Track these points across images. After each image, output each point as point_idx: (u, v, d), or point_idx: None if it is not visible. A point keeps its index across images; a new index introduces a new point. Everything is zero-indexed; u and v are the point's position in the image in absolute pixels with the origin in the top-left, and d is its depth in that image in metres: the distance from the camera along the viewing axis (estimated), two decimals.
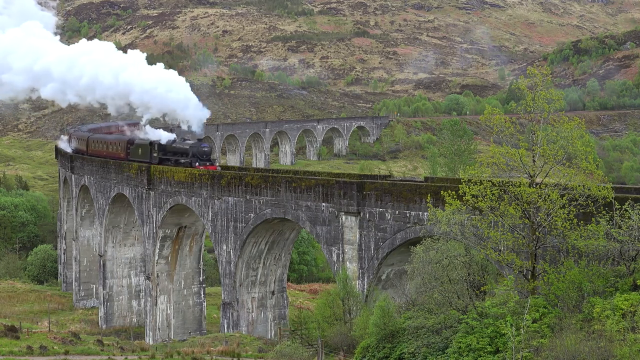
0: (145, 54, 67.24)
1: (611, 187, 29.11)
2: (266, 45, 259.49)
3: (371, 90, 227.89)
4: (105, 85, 64.28)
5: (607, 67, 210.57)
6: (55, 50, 69.11)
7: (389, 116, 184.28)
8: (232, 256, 49.44)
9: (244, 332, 48.93)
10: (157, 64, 65.65)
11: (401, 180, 45.07)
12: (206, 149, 56.81)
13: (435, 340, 27.27)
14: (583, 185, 28.56)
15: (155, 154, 59.70)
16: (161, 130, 65.78)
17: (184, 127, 60.49)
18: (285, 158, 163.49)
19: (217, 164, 59.32)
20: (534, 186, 29.14)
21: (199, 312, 59.70)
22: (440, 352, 26.79)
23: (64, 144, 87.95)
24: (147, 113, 63.73)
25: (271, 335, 50.15)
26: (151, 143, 60.83)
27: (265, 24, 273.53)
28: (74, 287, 76.08)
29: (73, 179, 75.30)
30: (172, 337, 57.33)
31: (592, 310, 24.82)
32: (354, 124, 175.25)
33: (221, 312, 51.41)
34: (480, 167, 30.49)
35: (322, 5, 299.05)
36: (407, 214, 38.13)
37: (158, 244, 57.00)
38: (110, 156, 66.84)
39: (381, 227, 39.55)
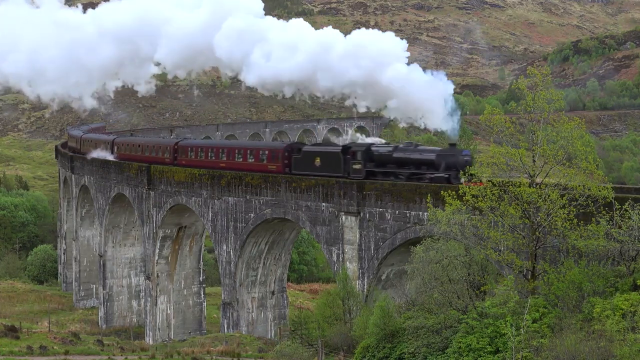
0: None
1: (611, 187, 29.12)
2: None
3: None
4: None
5: (607, 67, 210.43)
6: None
7: (389, 116, 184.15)
8: (232, 256, 49.44)
9: (244, 332, 48.95)
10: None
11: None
12: (468, 157, 39.66)
13: (435, 340, 27.28)
14: (583, 185, 28.57)
15: (357, 166, 43.00)
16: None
17: (420, 123, 43.80)
18: None
19: None
20: (534, 186, 29.14)
21: (199, 312, 59.71)
22: (440, 352, 26.81)
23: (101, 152, 70.53)
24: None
25: (271, 335, 50.16)
26: (347, 149, 44.09)
27: None
28: (74, 287, 76.09)
29: (73, 179, 75.28)
30: (172, 337, 57.33)
31: (592, 310, 24.82)
32: (354, 124, 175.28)
33: (221, 312, 51.42)
34: (480, 167, 30.49)
35: (322, 5, 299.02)
36: (407, 214, 38.13)
37: (158, 244, 57.00)
38: (242, 168, 50.95)
39: (381, 227, 39.54)
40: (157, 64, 59.02)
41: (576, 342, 22.80)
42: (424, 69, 46.50)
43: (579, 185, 28.64)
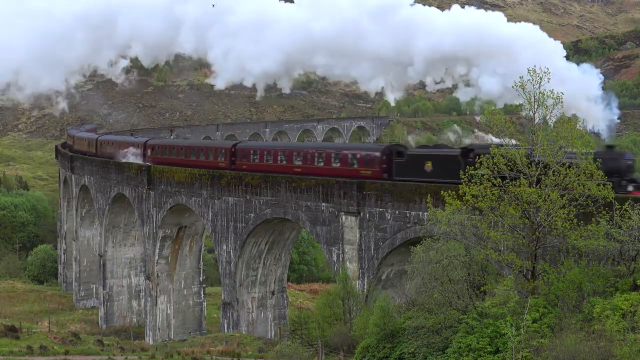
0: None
1: (611, 187, 29.11)
2: None
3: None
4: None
5: (607, 67, 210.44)
6: None
7: (388, 116, 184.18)
8: (232, 256, 49.43)
9: (244, 332, 48.95)
10: None
11: (401, 180, 44.94)
12: (631, 161, 34.03)
13: (435, 340, 27.28)
14: (583, 185, 28.56)
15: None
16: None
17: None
18: None
19: None
20: (534, 186, 29.13)
21: (199, 312, 59.71)
22: (440, 352, 26.81)
23: (131, 155, 64.73)
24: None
25: (271, 335, 50.16)
26: (467, 152, 38.29)
27: None
28: (74, 287, 76.09)
29: (73, 179, 75.27)
30: (172, 337, 57.34)
31: (592, 310, 24.82)
32: (354, 124, 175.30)
33: (221, 312, 51.42)
34: (480, 166, 30.46)
35: None
36: (407, 214, 38.11)
37: (158, 244, 56.99)
38: (323, 174, 45.36)
39: (381, 227, 39.53)
40: (134, 59, 57.70)
41: (576, 342, 22.80)
42: None
43: (579, 185, 28.64)
